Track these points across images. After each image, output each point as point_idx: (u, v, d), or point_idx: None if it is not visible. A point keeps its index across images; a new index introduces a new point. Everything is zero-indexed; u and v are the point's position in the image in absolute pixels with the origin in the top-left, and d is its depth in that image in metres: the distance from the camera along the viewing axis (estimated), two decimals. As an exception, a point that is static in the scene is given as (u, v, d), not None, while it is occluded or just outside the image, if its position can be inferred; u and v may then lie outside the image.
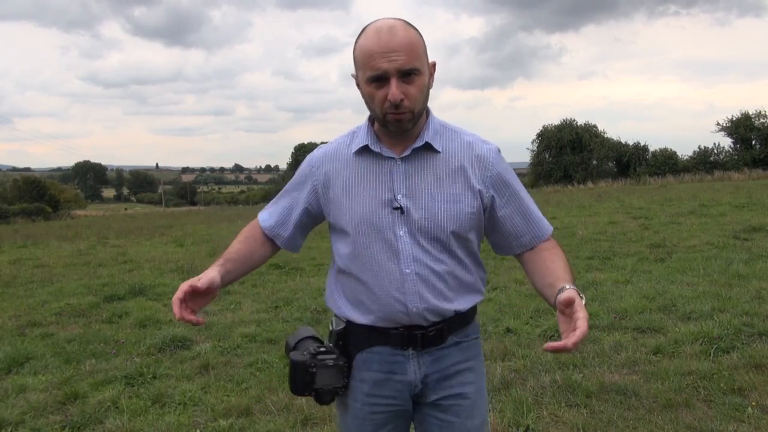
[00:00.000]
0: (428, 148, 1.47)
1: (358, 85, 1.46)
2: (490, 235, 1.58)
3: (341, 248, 1.53)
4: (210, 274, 1.45)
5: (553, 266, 1.49)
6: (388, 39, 1.34)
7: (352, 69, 1.48)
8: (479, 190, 1.47)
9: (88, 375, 4.02)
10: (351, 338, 1.53)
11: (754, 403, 3.07)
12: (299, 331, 1.58)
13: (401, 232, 1.45)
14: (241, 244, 1.59)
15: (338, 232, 1.53)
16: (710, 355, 3.78)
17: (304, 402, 3.35)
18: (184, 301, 1.40)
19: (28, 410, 3.44)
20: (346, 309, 1.53)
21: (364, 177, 1.49)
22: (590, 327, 4.79)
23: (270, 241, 1.63)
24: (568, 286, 1.36)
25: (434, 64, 1.46)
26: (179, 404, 3.47)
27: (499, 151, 1.53)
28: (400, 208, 1.45)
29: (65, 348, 4.65)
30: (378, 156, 1.48)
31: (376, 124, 1.50)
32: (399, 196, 1.45)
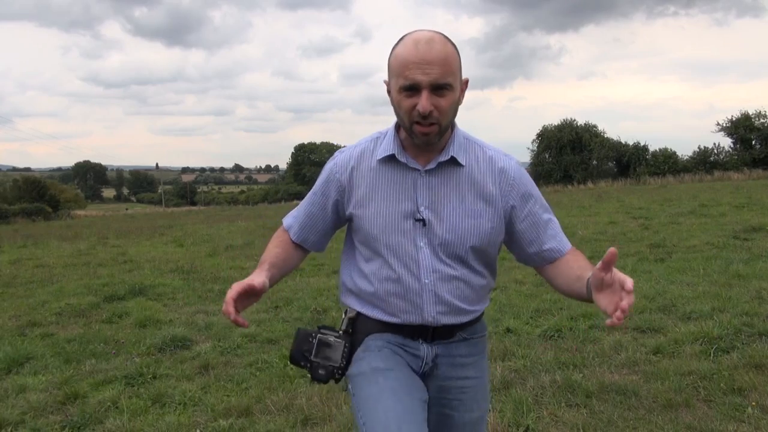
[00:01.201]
0: (453, 162, 1.49)
1: (388, 91, 1.47)
2: (510, 246, 1.61)
3: (362, 252, 1.56)
4: (262, 277, 1.46)
5: (577, 264, 1.52)
6: (426, 51, 1.36)
7: (352, 69, 1.50)
8: (500, 205, 1.51)
9: (88, 375, 4.02)
10: (362, 325, 1.57)
11: (754, 403, 3.07)
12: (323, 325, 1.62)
13: (422, 243, 1.48)
14: (278, 248, 1.62)
15: (359, 237, 1.56)
16: (710, 355, 3.78)
17: (304, 402, 3.35)
18: (237, 301, 1.41)
19: (28, 410, 3.44)
20: (360, 306, 1.58)
21: (389, 186, 1.51)
22: (590, 327, 4.77)
23: (298, 246, 1.66)
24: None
25: (467, 81, 1.48)
26: (179, 404, 3.47)
27: (519, 164, 1.56)
28: (423, 221, 1.47)
29: (65, 348, 4.65)
30: (403, 166, 1.50)
31: (402, 132, 1.51)
32: (422, 208, 1.48)
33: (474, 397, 1.59)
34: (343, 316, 1.61)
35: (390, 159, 1.50)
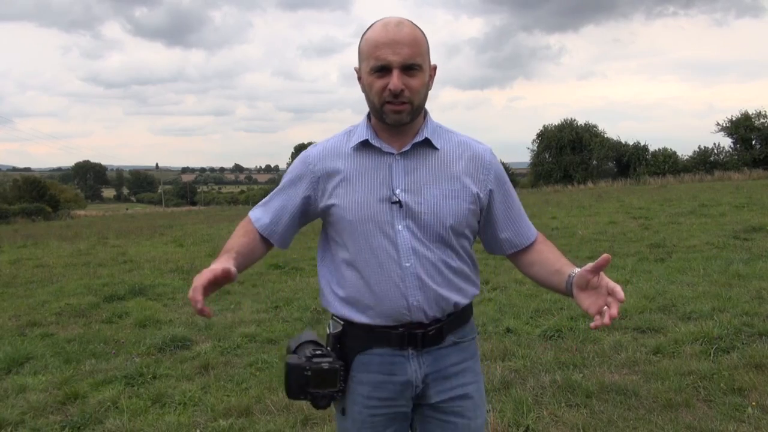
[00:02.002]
0: (427, 144, 1.49)
1: (359, 78, 1.47)
2: (483, 233, 1.61)
3: (341, 243, 1.52)
4: (227, 264, 1.41)
5: (553, 256, 1.55)
6: (395, 32, 1.39)
7: (351, 70, 1.49)
8: (476, 189, 1.51)
9: (88, 375, 4.02)
10: (349, 340, 1.52)
11: (754, 403, 3.07)
12: (301, 334, 1.56)
13: (400, 227, 1.46)
14: (245, 238, 1.58)
15: (336, 228, 1.53)
16: (710, 355, 3.78)
17: (304, 402, 3.35)
18: (206, 288, 1.34)
19: (28, 410, 3.44)
20: (342, 308, 1.52)
21: (364, 172, 1.49)
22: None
23: (264, 239, 1.62)
24: (578, 269, 1.41)
25: (435, 68, 1.50)
26: (179, 404, 3.47)
27: (492, 151, 1.57)
28: (399, 203, 1.46)
29: (65, 348, 4.65)
30: (377, 151, 1.49)
31: (373, 120, 1.51)
32: (398, 191, 1.46)
33: (476, 403, 1.57)
34: (328, 331, 1.55)
35: (364, 145, 1.50)
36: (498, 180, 1.55)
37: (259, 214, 1.62)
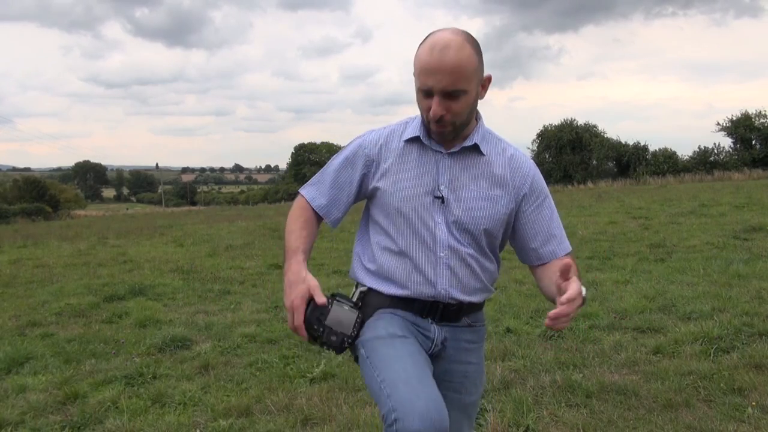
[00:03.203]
0: (475, 149, 1.58)
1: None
2: (514, 239, 1.68)
3: (381, 225, 1.60)
4: (311, 279, 1.50)
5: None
6: (439, 59, 1.41)
7: (352, 70, 1.52)
8: (513, 195, 1.59)
9: (88, 375, 4.02)
10: (373, 299, 1.59)
11: (754, 403, 3.07)
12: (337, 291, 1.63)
13: (439, 219, 1.55)
14: (305, 230, 1.62)
15: (380, 210, 1.60)
16: (710, 355, 3.78)
17: (304, 402, 3.35)
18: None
19: (28, 410, 3.44)
20: (370, 279, 1.61)
21: (413, 164, 1.58)
22: (590, 327, 4.76)
23: (319, 218, 1.67)
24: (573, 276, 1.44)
25: (489, 78, 1.54)
26: (179, 404, 3.47)
27: (535, 165, 1.65)
28: (442, 198, 1.55)
29: (65, 348, 4.65)
30: (427, 148, 1.59)
31: None
32: (442, 187, 1.56)
33: (474, 382, 1.68)
34: (355, 289, 1.64)
35: (415, 140, 1.59)
36: (534, 189, 1.61)
37: (315, 194, 1.67)
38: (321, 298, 1.48)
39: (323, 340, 1.51)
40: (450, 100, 1.45)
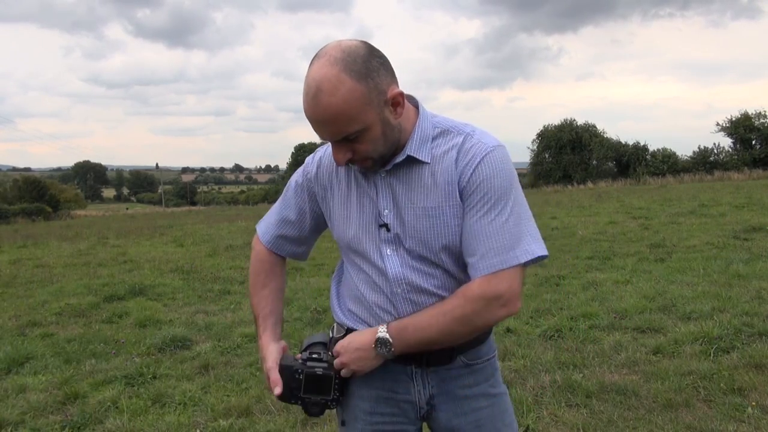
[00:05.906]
0: (412, 160, 1.30)
1: None
2: None
3: (345, 260, 1.46)
4: (270, 357, 1.41)
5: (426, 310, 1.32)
6: (312, 109, 1.19)
7: None
8: (460, 193, 1.29)
9: (88, 375, 4.02)
10: None
11: (754, 403, 3.07)
12: (316, 335, 1.48)
13: (388, 251, 1.33)
14: (271, 293, 1.51)
15: (338, 244, 1.46)
16: (710, 355, 3.78)
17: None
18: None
19: (28, 410, 3.44)
20: (344, 317, 1.44)
21: (354, 189, 1.37)
22: (590, 327, 4.74)
23: (282, 259, 1.55)
24: (382, 328, 1.31)
25: (400, 94, 1.24)
26: (179, 404, 3.47)
27: (493, 150, 1.28)
28: (386, 226, 1.33)
29: (65, 348, 4.65)
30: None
31: None
32: (385, 212, 1.33)
33: (494, 426, 1.40)
34: (331, 335, 1.43)
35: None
36: (473, 183, 1.27)
37: (265, 229, 1.54)
38: (279, 381, 1.36)
39: (305, 410, 1.40)
40: (351, 143, 1.23)
